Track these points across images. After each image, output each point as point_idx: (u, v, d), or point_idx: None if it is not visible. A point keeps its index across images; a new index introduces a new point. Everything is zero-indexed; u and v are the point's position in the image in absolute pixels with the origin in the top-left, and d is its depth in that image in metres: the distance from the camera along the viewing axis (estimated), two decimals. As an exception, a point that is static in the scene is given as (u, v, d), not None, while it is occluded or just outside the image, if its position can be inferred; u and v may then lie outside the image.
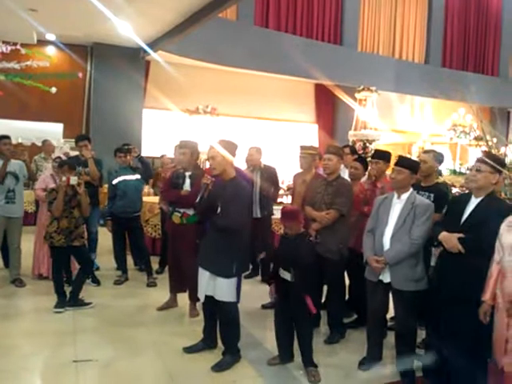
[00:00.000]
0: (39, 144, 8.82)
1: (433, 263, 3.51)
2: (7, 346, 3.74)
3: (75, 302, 4.62)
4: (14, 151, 5.47)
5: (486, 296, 2.84)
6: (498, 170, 3.06)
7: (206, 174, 3.87)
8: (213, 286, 3.50)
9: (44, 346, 3.79)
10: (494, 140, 5.51)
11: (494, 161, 3.12)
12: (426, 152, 4.23)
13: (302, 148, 5.14)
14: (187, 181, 4.47)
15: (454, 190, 6.04)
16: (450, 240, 3.04)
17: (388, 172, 4.43)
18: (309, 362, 3.48)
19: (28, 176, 5.53)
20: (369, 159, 4.91)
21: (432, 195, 3.82)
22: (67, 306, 4.55)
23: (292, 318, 3.50)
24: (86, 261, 4.80)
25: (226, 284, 3.45)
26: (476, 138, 11.68)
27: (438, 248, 3.20)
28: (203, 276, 3.57)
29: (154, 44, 9.60)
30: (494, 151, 5.11)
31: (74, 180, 4.53)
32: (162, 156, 8.25)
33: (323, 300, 4.40)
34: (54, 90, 6.32)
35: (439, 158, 4.18)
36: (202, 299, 3.62)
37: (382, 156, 4.39)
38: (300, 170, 5.18)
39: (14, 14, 7.30)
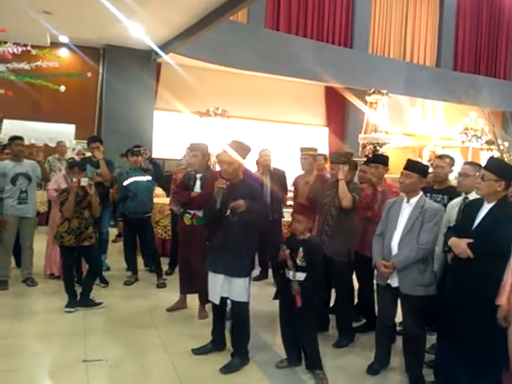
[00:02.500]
0: (51, 145, 8.92)
1: (435, 268, 3.50)
2: (18, 346, 3.78)
3: (86, 301, 4.66)
4: (30, 152, 5.53)
5: (502, 300, 2.79)
6: (503, 176, 3.00)
7: (215, 175, 3.90)
8: (228, 287, 3.52)
9: (54, 345, 3.83)
10: (506, 144, 5.47)
11: (499, 167, 3.07)
12: (440, 157, 4.19)
13: (302, 150, 5.29)
14: (198, 183, 4.50)
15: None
16: (459, 245, 3.03)
17: (388, 175, 4.47)
18: (315, 365, 3.48)
19: (41, 177, 5.58)
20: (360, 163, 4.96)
21: (446, 197, 3.84)
22: (78, 306, 4.60)
23: (297, 321, 3.50)
24: (95, 261, 4.84)
25: (241, 283, 3.50)
26: (488, 142, 11.61)
27: (449, 253, 3.19)
28: (216, 279, 3.57)
29: (166, 46, 9.67)
30: (505, 155, 5.07)
31: (84, 181, 4.58)
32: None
33: (332, 304, 4.40)
34: (62, 88, 6.38)
35: (452, 163, 4.16)
36: (218, 302, 3.61)
37: (382, 160, 4.41)
38: (302, 172, 5.26)
39: (29, 16, 7.40)
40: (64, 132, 9.38)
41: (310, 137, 13.20)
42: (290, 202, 6.40)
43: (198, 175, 4.53)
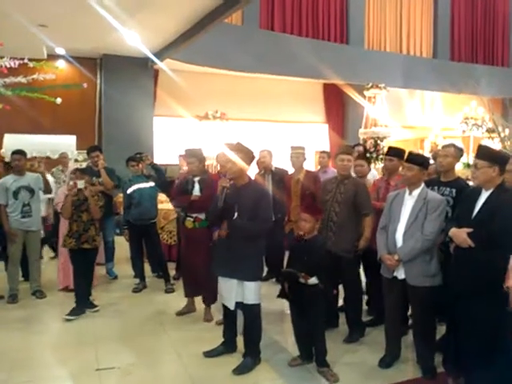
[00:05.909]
0: (53, 157, 8.94)
1: None
2: (31, 358, 3.81)
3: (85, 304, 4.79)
4: (32, 164, 5.55)
5: (509, 283, 2.79)
6: (495, 161, 3.03)
7: (212, 178, 3.90)
8: (242, 291, 3.54)
9: (67, 355, 3.85)
10: (507, 131, 5.47)
11: (489, 154, 3.11)
12: (446, 146, 4.06)
13: (293, 148, 5.43)
14: (196, 186, 4.55)
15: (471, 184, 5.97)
16: (460, 235, 3.03)
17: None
18: (321, 363, 3.48)
19: (43, 189, 5.59)
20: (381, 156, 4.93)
21: (454, 190, 3.72)
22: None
23: (308, 318, 3.50)
24: (90, 265, 4.92)
25: (253, 287, 3.53)
26: (488, 131, 11.59)
27: (451, 243, 3.18)
28: (230, 285, 3.57)
29: (162, 53, 9.69)
30: (506, 143, 5.08)
31: (81, 184, 4.71)
32: None
33: (340, 301, 4.40)
34: (59, 100, 6.41)
35: (459, 153, 4.04)
36: (233, 307, 3.62)
37: (397, 153, 4.34)
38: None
39: (25, 30, 7.43)
40: (65, 143, 9.36)
41: (310, 134, 13.18)
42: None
43: (196, 179, 4.59)
